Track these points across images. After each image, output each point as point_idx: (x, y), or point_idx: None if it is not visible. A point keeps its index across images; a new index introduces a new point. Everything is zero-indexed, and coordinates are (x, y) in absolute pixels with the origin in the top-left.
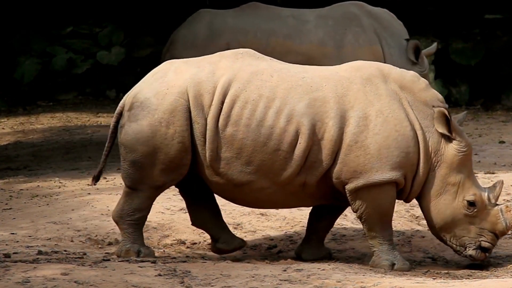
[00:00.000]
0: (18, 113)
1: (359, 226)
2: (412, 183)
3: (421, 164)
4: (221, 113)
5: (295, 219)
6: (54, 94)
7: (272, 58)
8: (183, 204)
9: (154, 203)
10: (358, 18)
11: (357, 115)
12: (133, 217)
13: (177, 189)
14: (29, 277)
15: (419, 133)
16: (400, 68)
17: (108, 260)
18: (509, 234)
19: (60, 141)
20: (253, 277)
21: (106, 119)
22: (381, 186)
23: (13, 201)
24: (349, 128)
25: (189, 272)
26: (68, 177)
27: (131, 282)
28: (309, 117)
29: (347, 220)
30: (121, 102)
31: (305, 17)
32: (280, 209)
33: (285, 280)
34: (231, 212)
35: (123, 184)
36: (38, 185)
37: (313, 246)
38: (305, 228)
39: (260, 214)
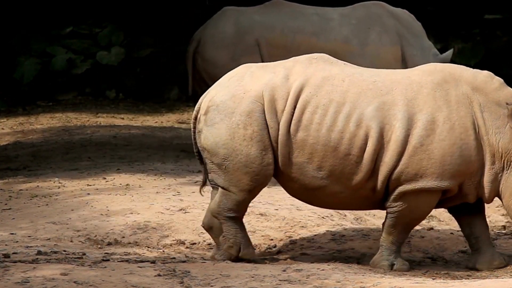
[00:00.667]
0: (17, 113)
1: (359, 226)
2: (477, 186)
3: (487, 168)
4: (293, 118)
5: (294, 219)
6: (53, 94)
7: (346, 63)
8: (182, 204)
9: (153, 203)
10: (380, 18)
11: (425, 118)
12: (229, 212)
13: (177, 190)
14: (28, 277)
15: (484, 139)
16: None
17: (108, 260)
18: (508, 234)
19: (60, 141)
20: (252, 277)
21: (106, 119)
22: (432, 192)
23: (12, 201)
24: (416, 130)
25: (189, 272)
26: (68, 177)
27: (130, 282)
28: (377, 120)
29: (347, 220)
30: (196, 106)
31: (329, 15)
32: (280, 209)
33: (284, 280)
34: None
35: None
36: (38, 185)
37: (484, 253)
38: (305, 229)
39: (260, 214)
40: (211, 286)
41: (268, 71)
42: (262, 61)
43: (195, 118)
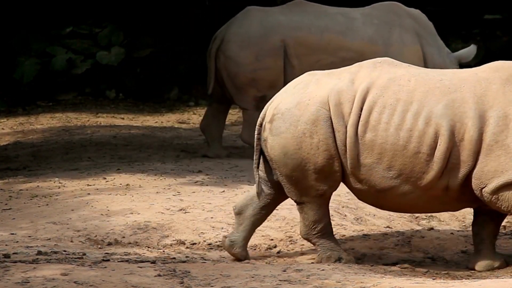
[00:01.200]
0: (17, 113)
1: (359, 226)
2: None
3: None
4: (360, 120)
5: (295, 219)
6: (53, 94)
7: (410, 65)
8: (183, 204)
9: (153, 203)
10: (399, 18)
11: (496, 114)
12: (317, 229)
13: (177, 190)
14: (28, 278)
15: None
16: (439, 67)
17: (108, 260)
18: (508, 234)
19: (60, 142)
20: (252, 277)
21: (106, 120)
22: None
23: (12, 201)
24: (489, 128)
25: (189, 272)
26: (68, 177)
27: (130, 282)
28: (447, 118)
29: (347, 220)
30: (261, 113)
31: (352, 15)
32: (280, 209)
33: (284, 281)
34: (231, 212)
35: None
36: (38, 185)
37: (485, 256)
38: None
39: None
40: (211, 286)
41: (333, 77)
42: (288, 61)
43: (260, 125)
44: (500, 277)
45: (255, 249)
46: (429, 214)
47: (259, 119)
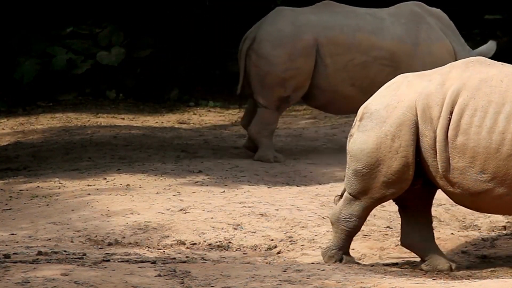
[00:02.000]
0: (18, 114)
1: None
2: None
3: None
4: (450, 123)
5: (295, 219)
6: (54, 95)
7: (504, 64)
8: (183, 204)
9: (154, 203)
10: (423, 17)
11: None
12: (349, 223)
13: (177, 190)
14: (29, 278)
15: None
16: None
17: (108, 260)
18: (509, 235)
19: (60, 142)
20: (253, 277)
21: (106, 120)
22: None
23: (13, 201)
24: None
25: (189, 272)
26: (68, 177)
27: (131, 282)
28: None
29: None
30: (358, 111)
31: (380, 15)
32: (280, 210)
33: (285, 281)
34: (231, 213)
35: (346, 190)
36: (38, 186)
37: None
38: (305, 230)
39: (260, 214)
40: (212, 286)
41: (424, 79)
42: (321, 61)
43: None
44: (500, 277)
45: (255, 249)
46: None
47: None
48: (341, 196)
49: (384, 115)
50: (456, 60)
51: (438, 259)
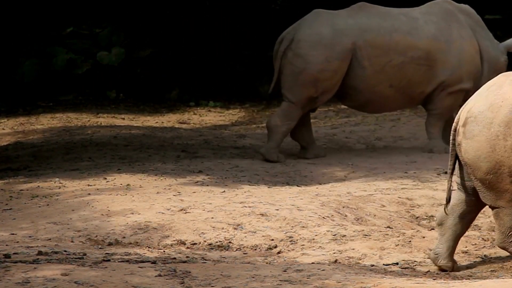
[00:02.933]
0: (18, 114)
1: (360, 226)
2: None
3: None
4: None
5: (295, 219)
6: (54, 95)
7: None
8: (183, 204)
9: (154, 203)
10: (455, 15)
11: None
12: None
13: (178, 190)
14: (29, 278)
15: None
16: (494, 60)
17: (108, 260)
18: None
19: (60, 142)
20: (253, 277)
21: (106, 120)
22: None
23: (13, 201)
24: None
25: (189, 272)
26: (68, 177)
27: (131, 282)
28: None
29: (347, 220)
30: (456, 117)
31: (413, 15)
32: (281, 210)
33: (285, 281)
34: (231, 213)
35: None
36: (38, 186)
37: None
38: (306, 229)
39: (260, 214)
40: (212, 286)
41: None
42: (358, 64)
43: (455, 129)
44: (500, 277)
45: (255, 249)
46: (430, 214)
47: (454, 124)
48: (448, 202)
49: (490, 116)
50: (481, 56)
51: None
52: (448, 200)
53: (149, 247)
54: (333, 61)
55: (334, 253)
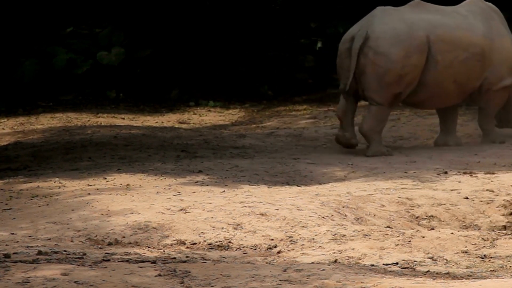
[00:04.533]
0: (18, 114)
1: (359, 226)
2: None
3: None
4: None
5: (295, 219)
6: (54, 94)
7: None
8: (183, 204)
9: (154, 203)
10: (489, 12)
11: None
12: None
13: (177, 190)
14: (29, 277)
15: None
16: None
17: (108, 260)
18: (509, 234)
19: (60, 142)
20: (253, 277)
21: (106, 120)
22: None
23: (13, 201)
24: None
25: (189, 272)
26: (68, 177)
27: (131, 282)
28: None
29: (347, 220)
30: None
31: (462, 13)
32: (280, 209)
33: (285, 281)
34: (231, 212)
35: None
36: (38, 185)
37: None
38: (305, 229)
39: (260, 214)
40: (212, 286)
41: None
42: (432, 58)
43: None
44: (500, 277)
45: (255, 249)
46: (430, 214)
47: None
48: None
49: None
50: None
51: None
52: None
53: (149, 247)
54: (412, 55)
55: (334, 253)
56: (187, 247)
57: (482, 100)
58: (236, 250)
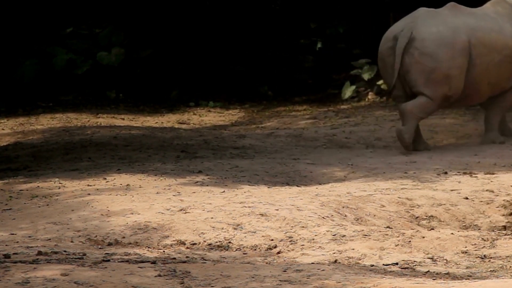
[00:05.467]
0: (18, 114)
1: (359, 226)
2: None
3: None
4: None
5: (295, 219)
6: (54, 95)
7: None
8: (183, 204)
9: (154, 203)
10: (509, 13)
11: None
12: None
13: (177, 190)
14: (29, 278)
15: None
16: None
17: (108, 260)
18: (509, 235)
19: (60, 142)
20: (253, 277)
21: (106, 120)
22: None
23: (12, 201)
24: None
25: (189, 272)
26: (68, 177)
27: (130, 282)
28: None
29: (347, 220)
30: None
31: (491, 15)
32: (280, 210)
33: (285, 281)
34: (231, 213)
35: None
36: (38, 186)
37: None
38: (305, 230)
39: (260, 214)
40: (212, 286)
41: None
42: (471, 61)
43: None
44: (500, 277)
45: (255, 249)
46: (429, 215)
47: None
48: None
49: None
50: None
51: None
52: None
53: (148, 247)
54: (457, 58)
55: (333, 253)
56: (187, 248)
57: (504, 96)
58: (236, 250)
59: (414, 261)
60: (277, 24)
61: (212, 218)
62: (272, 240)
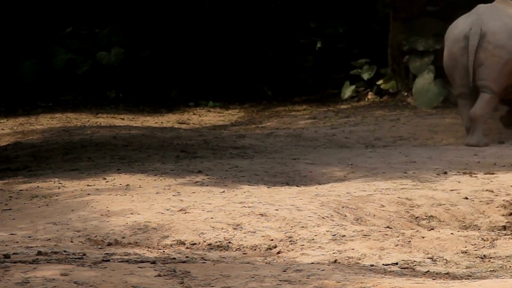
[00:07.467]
0: (17, 114)
1: (359, 226)
2: None
3: None
4: None
5: (295, 219)
6: (54, 95)
7: None
8: (183, 204)
9: (153, 203)
10: None
11: None
12: None
13: (177, 190)
14: (28, 278)
15: None
16: None
17: (108, 260)
18: (509, 235)
19: (60, 142)
20: (252, 277)
21: (106, 120)
22: None
23: (12, 201)
24: None
25: (189, 272)
26: (68, 177)
27: (130, 282)
28: None
29: (347, 220)
30: None
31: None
32: (280, 210)
33: (284, 281)
34: (230, 213)
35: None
36: (38, 186)
37: None
38: (305, 230)
39: (260, 214)
40: (212, 286)
41: None
42: None
43: None
44: (500, 277)
45: (255, 249)
46: (429, 215)
47: None
48: None
49: None
50: None
51: None
52: None
53: (148, 247)
54: None
55: (333, 253)
56: (187, 248)
57: None
58: (236, 250)
59: (414, 261)
60: (277, 24)
61: (212, 218)
62: (272, 240)
